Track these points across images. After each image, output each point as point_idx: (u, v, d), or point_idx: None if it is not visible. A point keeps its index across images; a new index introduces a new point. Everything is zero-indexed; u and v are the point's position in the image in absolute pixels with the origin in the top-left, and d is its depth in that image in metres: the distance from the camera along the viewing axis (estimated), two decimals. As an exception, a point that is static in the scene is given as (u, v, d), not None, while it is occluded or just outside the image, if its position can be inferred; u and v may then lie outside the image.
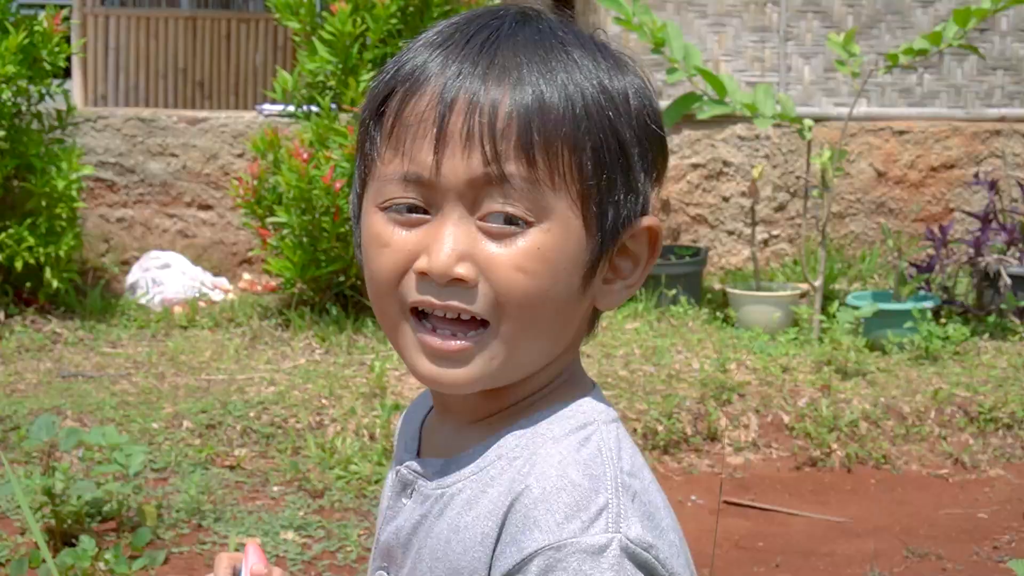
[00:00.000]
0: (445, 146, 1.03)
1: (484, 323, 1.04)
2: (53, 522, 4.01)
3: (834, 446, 5.10)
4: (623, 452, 1.05)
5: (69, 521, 4.05)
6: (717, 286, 7.28)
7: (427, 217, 1.04)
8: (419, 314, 1.06)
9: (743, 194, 7.55)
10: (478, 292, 1.03)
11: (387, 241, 1.06)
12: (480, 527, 1.03)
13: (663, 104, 6.74)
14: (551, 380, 1.10)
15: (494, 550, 1.02)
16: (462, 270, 1.02)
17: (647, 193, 1.09)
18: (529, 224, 1.03)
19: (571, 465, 1.02)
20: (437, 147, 1.03)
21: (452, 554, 1.04)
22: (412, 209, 1.05)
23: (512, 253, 1.03)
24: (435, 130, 1.03)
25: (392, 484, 1.16)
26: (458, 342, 1.04)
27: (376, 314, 1.10)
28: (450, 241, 1.03)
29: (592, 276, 1.07)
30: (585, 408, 1.09)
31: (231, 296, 7.08)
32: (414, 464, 1.14)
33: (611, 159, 1.05)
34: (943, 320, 6.36)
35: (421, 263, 1.04)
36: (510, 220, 1.03)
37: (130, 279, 7.09)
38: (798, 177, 7.55)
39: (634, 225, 1.08)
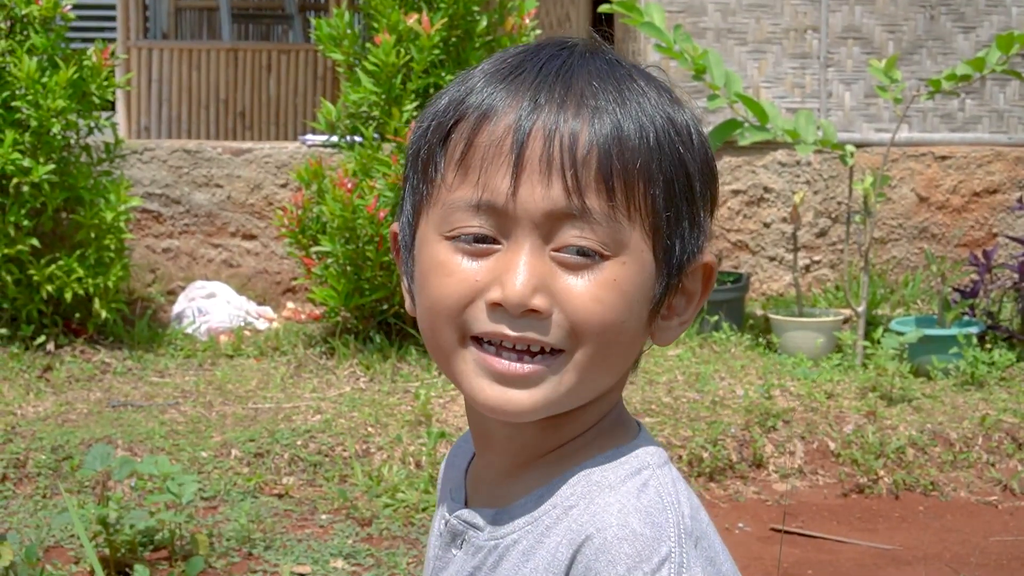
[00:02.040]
0: (523, 173, 1.01)
1: (556, 350, 1.03)
2: (107, 551, 4.06)
3: (881, 473, 5.08)
4: (680, 496, 1.04)
5: (123, 550, 4.10)
6: (759, 312, 7.28)
7: (497, 247, 1.03)
8: (479, 341, 1.04)
9: (784, 220, 7.55)
10: (552, 323, 1.01)
11: (452, 270, 1.03)
12: None
13: (705, 130, 6.75)
14: (599, 419, 1.09)
15: None
16: (538, 301, 1.01)
17: (707, 229, 1.10)
18: (604, 257, 1.02)
19: (632, 514, 1.01)
20: (515, 174, 1.01)
21: None
22: (480, 239, 1.03)
23: (589, 284, 1.01)
24: (513, 156, 1.01)
25: (441, 534, 1.14)
26: (528, 365, 1.02)
27: (428, 342, 1.08)
28: (525, 271, 1.01)
29: (658, 311, 1.07)
30: (638, 452, 1.07)
31: (275, 325, 7.14)
32: (464, 514, 1.12)
33: (680, 192, 1.06)
34: (988, 346, 6.33)
35: (494, 294, 1.01)
36: (584, 252, 1.02)
37: (176, 309, 7.17)
38: (839, 203, 7.55)
39: (696, 261, 1.08)
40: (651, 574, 0.98)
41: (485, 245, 1.03)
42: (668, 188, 1.05)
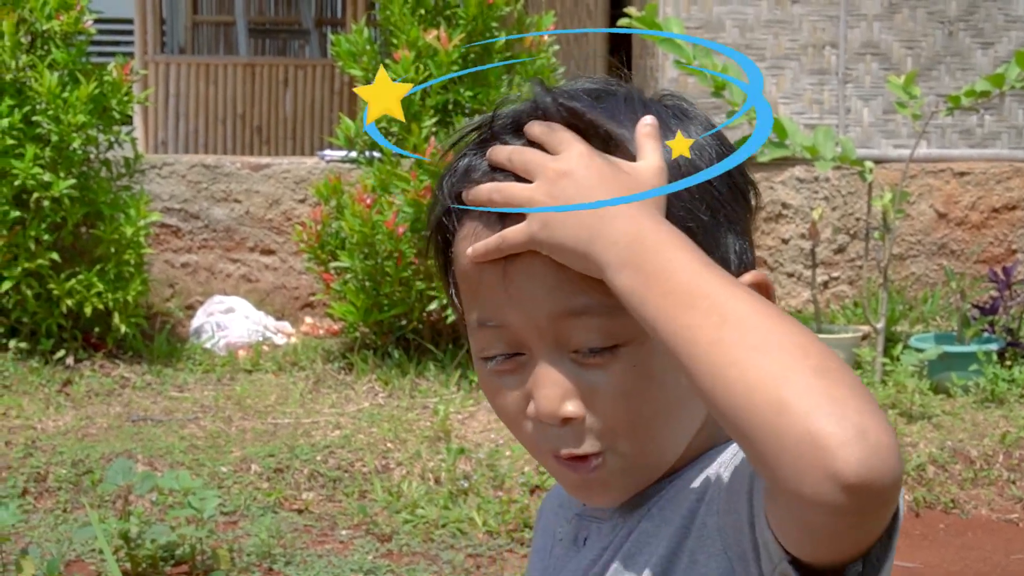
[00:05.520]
0: (510, 284, 1.00)
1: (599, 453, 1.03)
2: (128, 566, 4.07)
3: (902, 490, 5.06)
4: None
5: (144, 565, 4.10)
6: (777, 328, 7.25)
7: (523, 359, 1.02)
8: None
9: (803, 236, 7.54)
10: (588, 427, 1.01)
11: (496, 390, 1.04)
12: (678, 518, 1.02)
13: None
14: (697, 455, 1.07)
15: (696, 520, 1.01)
16: (571, 407, 1.00)
17: (739, 250, 1.06)
18: (619, 345, 0.99)
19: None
20: (503, 287, 1.01)
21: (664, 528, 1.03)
22: (506, 356, 1.03)
23: (613, 379, 1.00)
24: (497, 271, 1.01)
25: (561, 540, 1.14)
26: (589, 475, 1.03)
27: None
28: (548, 382, 1.00)
29: None
30: None
31: (294, 340, 7.15)
32: (585, 510, 1.12)
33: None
34: (1008, 363, 6.31)
35: (530, 410, 1.02)
36: (596, 350, 1.00)
37: (195, 323, 7.19)
38: (858, 219, 7.54)
39: None
40: None
41: (512, 360, 1.03)
42: None
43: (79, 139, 6.36)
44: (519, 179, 1.00)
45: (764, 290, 1.05)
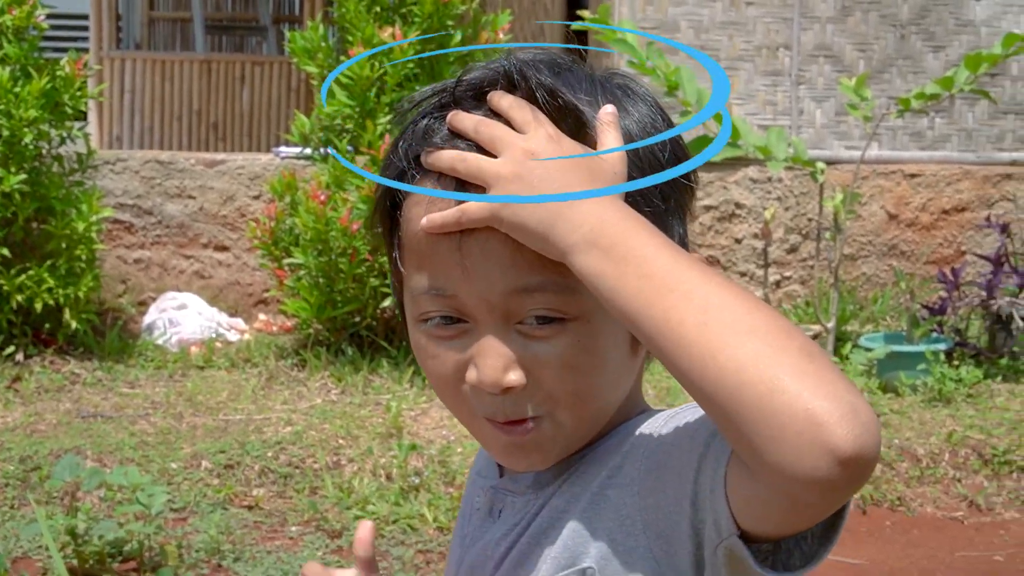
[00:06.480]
0: (466, 258, 1.00)
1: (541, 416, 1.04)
2: (76, 562, 4.04)
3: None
4: None
5: (91, 561, 4.08)
6: (730, 328, 7.30)
7: (467, 325, 1.02)
8: None
9: (755, 236, 7.60)
10: (529, 395, 1.02)
11: (433, 353, 1.04)
12: (592, 485, 1.03)
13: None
14: (624, 419, 1.08)
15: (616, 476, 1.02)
16: (513, 377, 1.00)
17: (682, 235, 1.07)
18: (566, 319, 1.00)
19: (663, 418, 1.04)
20: (460, 263, 1.00)
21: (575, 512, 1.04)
22: (448, 320, 1.02)
23: (557, 352, 1.00)
24: (452, 242, 1.00)
25: (478, 509, 1.15)
26: (522, 437, 1.04)
27: (446, 406, 1.09)
28: (492, 352, 1.00)
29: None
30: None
31: (247, 336, 7.13)
32: (502, 482, 1.13)
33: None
34: (956, 362, 6.39)
35: (471, 376, 1.02)
36: (545, 319, 1.00)
37: (147, 320, 7.15)
38: (810, 219, 7.60)
39: None
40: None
41: (454, 326, 1.02)
42: None
43: (30, 134, 6.32)
44: (481, 150, 0.99)
45: None
